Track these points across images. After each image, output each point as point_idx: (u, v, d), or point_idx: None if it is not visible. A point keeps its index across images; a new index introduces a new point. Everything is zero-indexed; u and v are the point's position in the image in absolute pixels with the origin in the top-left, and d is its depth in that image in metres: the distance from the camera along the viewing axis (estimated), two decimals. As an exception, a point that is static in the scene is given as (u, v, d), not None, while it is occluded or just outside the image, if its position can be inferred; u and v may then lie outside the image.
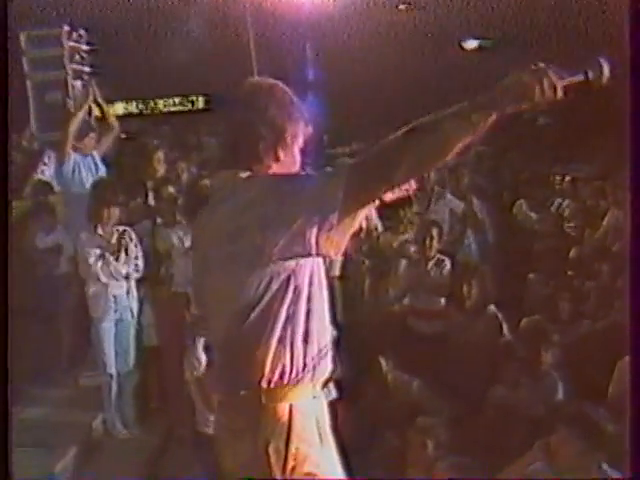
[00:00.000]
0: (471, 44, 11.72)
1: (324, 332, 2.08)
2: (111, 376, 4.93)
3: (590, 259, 6.13)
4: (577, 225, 6.87)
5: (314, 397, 2.09)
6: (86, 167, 5.77)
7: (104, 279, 4.82)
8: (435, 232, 5.58)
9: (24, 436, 4.53)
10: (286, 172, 2.10)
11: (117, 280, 4.87)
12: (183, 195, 5.38)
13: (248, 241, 1.97)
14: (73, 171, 5.73)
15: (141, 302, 5.05)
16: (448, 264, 5.61)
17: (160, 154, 6.00)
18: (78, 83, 8.55)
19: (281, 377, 2.02)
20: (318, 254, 1.99)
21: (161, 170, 5.86)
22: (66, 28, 8.13)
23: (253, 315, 1.99)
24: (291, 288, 1.99)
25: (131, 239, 4.89)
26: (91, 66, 8.53)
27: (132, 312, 5.00)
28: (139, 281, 4.99)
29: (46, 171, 7.08)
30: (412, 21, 11.98)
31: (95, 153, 5.92)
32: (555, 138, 9.82)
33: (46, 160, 7.11)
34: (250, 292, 1.99)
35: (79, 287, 4.98)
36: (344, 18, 10.94)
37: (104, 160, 5.94)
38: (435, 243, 5.58)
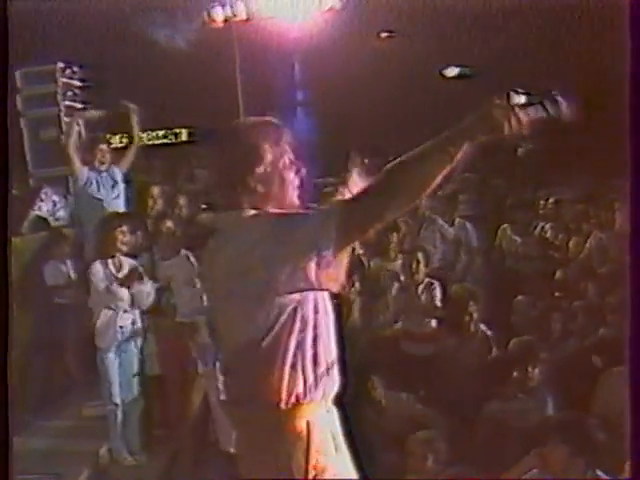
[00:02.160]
0: (452, 71, 11.98)
1: (330, 352, 2.26)
2: (116, 405, 5.04)
3: (575, 280, 6.34)
4: (561, 247, 7.09)
5: (327, 411, 2.27)
6: (102, 183, 5.94)
7: (112, 310, 4.96)
8: (421, 256, 5.76)
9: (31, 465, 4.67)
10: (283, 210, 2.25)
11: (125, 311, 5.02)
12: (181, 228, 5.56)
13: (256, 278, 2.15)
14: (88, 185, 5.89)
15: (144, 332, 5.18)
16: (438, 288, 5.79)
17: (156, 189, 6.18)
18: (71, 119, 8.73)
19: (297, 398, 2.19)
20: (320, 288, 2.18)
21: (158, 204, 6.03)
22: (60, 65, 8.33)
23: (264, 344, 2.16)
24: (298, 318, 2.18)
25: (140, 273, 5.04)
26: (83, 102, 8.72)
27: (136, 342, 5.13)
28: (142, 312, 5.13)
29: (43, 207, 7.24)
30: (394, 49, 12.28)
31: (116, 169, 6.04)
32: (537, 163, 10.06)
33: (43, 196, 7.27)
34: (260, 324, 2.17)
35: (84, 318, 5.11)
36: (327, 47, 11.19)
37: (126, 176, 6.07)
38: (422, 267, 5.76)
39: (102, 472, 5.04)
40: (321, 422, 2.24)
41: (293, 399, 2.19)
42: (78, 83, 8.60)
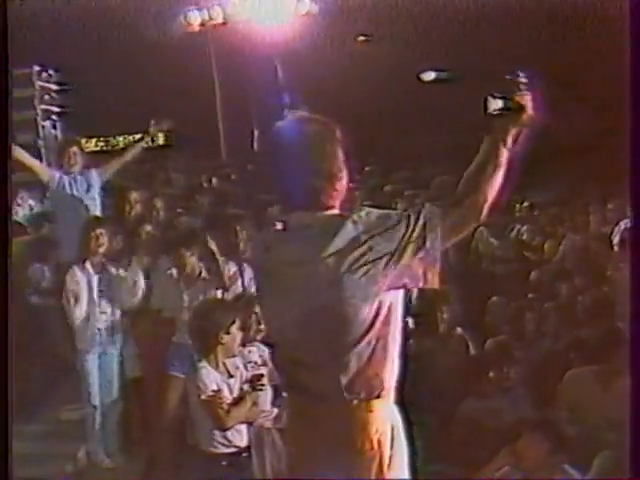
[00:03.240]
0: (429, 76, 12.09)
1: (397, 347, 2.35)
2: (95, 407, 5.06)
3: (549, 281, 6.44)
4: (536, 249, 7.20)
5: (390, 406, 2.36)
6: (76, 186, 5.92)
7: (87, 313, 4.98)
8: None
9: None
10: (377, 210, 2.33)
11: (103, 313, 5.03)
12: (159, 231, 5.58)
13: (363, 273, 2.20)
14: (60, 187, 5.88)
15: (124, 334, 5.20)
16: (415, 290, 5.85)
17: (134, 194, 6.19)
18: (47, 123, 8.73)
19: (381, 391, 2.30)
20: (425, 284, 2.25)
21: (136, 208, 6.04)
22: (36, 68, 8.33)
23: (366, 339, 2.23)
24: (393, 314, 2.27)
25: (121, 275, 5.07)
26: (60, 106, 8.72)
27: (116, 344, 5.15)
28: (122, 314, 5.15)
29: (20, 212, 7.24)
30: (371, 52, 12.38)
31: (94, 173, 6.03)
32: (513, 167, 10.19)
33: (19, 201, 7.26)
34: (362, 319, 2.22)
35: (63, 320, 5.12)
36: (306, 50, 11.27)
37: (106, 183, 6.05)
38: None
39: (80, 475, 5.05)
40: (387, 415, 2.34)
41: (379, 392, 2.29)
42: (55, 87, 8.61)
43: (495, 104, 2.32)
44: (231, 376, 3.79)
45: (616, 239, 6.48)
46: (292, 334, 2.34)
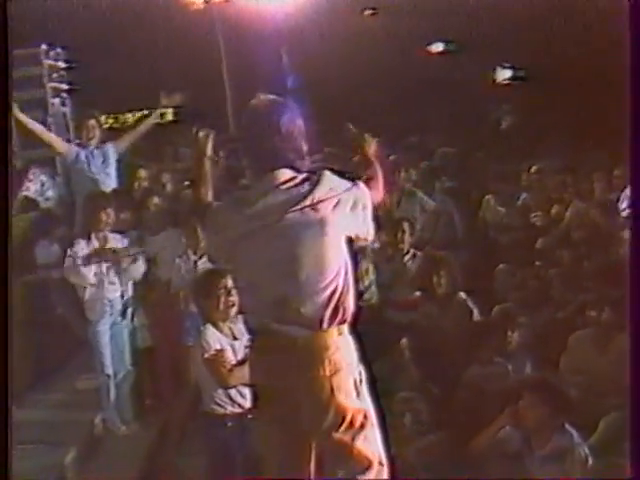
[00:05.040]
0: (437, 47, 12.05)
1: None
2: (108, 376, 5.17)
3: (555, 249, 6.49)
4: (542, 217, 7.23)
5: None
6: (92, 160, 6.00)
7: (95, 282, 5.08)
8: (407, 227, 5.89)
9: (29, 435, 4.82)
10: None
11: (112, 284, 5.14)
12: (168, 204, 5.67)
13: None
14: (77, 162, 5.97)
15: (135, 305, 5.30)
16: (421, 257, 5.93)
17: (143, 172, 6.26)
18: (57, 101, 8.80)
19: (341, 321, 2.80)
20: None
21: (145, 182, 6.13)
22: (44, 46, 8.39)
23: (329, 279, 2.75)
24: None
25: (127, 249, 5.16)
26: (68, 83, 8.78)
27: (126, 315, 5.25)
28: (131, 285, 5.25)
29: (31, 187, 7.34)
30: (378, 25, 12.31)
31: (110, 147, 6.11)
32: (519, 135, 10.19)
33: (31, 177, 7.36)
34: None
35: (75, 292, 5.23)
36: (311, 25, 11.23)
37: (121, 156, 6.13)
38: (407, 237, 5.89)
39: (97, 441, 5.19)
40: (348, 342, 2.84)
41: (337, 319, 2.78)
42: (63, 65, 8.67)
43: (503, 74, 2.35)
44: (236, 339, 3.88)
45: (622, 205, 6.51)
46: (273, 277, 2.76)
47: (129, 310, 5.25)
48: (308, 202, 2.73)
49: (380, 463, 2.83)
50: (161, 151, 9.30)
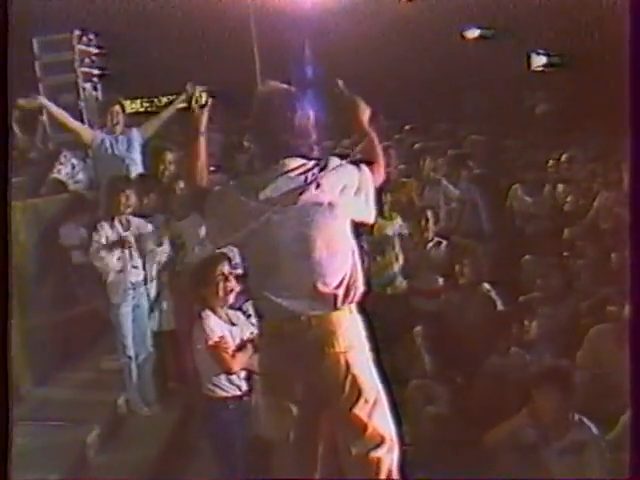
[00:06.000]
0: (472, 33, 11.91)
1: None
2: (130, 358, 5.25)
3: (582, 239, 6.41)
4: (570, 207, 7.16)
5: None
6: (117, 145, 6.08)
7: (119, 267, 5.14)
8: (430, 214, 5.88)
9: (54, 412, 4.93)
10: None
11: (135, 268, 5.20)
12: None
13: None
14: (102, 147, 6.04)
15: (160, 288, 5.37)
16: (445, 246, 5.91)
17: (170, 155, 6.32)
18: (88, 85, 8.89)
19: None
20: None
21: (171, 169, 6.17)
22: (77, 32, 8.47)
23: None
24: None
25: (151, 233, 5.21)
26: (100, 68, 8.87)
27: (149, 298, 5.32)
28: (155, 268, 5.31)
29: (62, 170, 7.42)
30: (414, 13, 12.20)
31: (136, 132, 6.18)
32: (552, 123, 10.06)
33: (62, 160, 7.45)
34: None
35: (99, 275, 5.30)
36: (346, 13, 11.18)
37: (147, 140, 6.20)
38: (431, 225, 5.88)
39: (120, 421, 5.27)
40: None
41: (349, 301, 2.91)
42: (95, 50, 8.75)
43: (538, 60, 2.33)
44: (233, 324, 3.94)
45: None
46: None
47: (152, 293, 5.31)
48: (316, 186, 2.78)
49: (391, 440, 2.91)
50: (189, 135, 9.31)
